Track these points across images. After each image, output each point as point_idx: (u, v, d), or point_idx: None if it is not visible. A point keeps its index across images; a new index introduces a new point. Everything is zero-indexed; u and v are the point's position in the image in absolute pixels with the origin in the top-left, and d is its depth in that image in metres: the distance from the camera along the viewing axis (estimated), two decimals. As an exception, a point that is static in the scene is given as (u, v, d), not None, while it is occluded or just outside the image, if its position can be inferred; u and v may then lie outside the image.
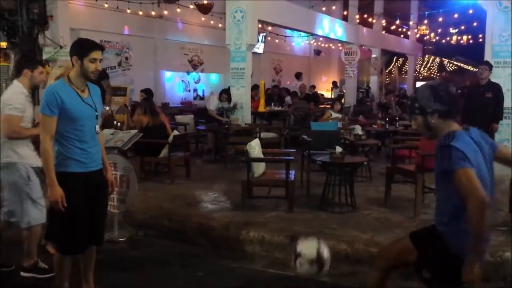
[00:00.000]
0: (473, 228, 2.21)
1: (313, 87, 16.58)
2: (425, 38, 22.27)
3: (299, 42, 18.67)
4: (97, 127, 3.25)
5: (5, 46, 10.31)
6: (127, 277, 3.95)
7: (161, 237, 4.90)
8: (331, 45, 18.72)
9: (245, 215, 5.08)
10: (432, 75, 25.55)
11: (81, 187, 3.12)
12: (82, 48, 3.08)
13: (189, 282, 3.91)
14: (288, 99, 13.16)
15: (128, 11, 11.07)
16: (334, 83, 18.34)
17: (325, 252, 2.97)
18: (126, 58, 11.84)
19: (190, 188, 6.40)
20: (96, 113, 3.20)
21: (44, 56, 9.40)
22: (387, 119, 9.52)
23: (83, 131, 3.11)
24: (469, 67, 23.90)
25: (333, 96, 16.95)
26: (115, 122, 7.94)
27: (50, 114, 3.01)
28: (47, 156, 3.01)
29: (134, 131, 5.65)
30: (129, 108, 8.91)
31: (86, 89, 3.17)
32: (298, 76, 16.99)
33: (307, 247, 2.98)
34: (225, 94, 9.32)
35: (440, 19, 17.26)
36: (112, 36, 11.33)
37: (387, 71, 23.12)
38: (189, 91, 14.06)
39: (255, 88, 10.79)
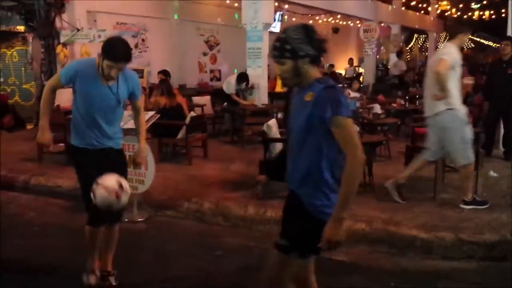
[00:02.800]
0: (348, 186, 2.08)
1: (332, 66, 16.37)
2: (446, 14, 21.72)
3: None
4: (123, 117, 3.33)
5: (23, 30, 10.42)
6: (146, 257, 4.00)
7: (179, 217, 4.95)
8: (349, 22, 18.39)
9: (262, 195, 5.08)
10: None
11: (87, 160, 3.21)
12: (106, 52, 3.05)
13: (207, 261, 3.94)
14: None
15: (144, -8, 11.03)
16: (350, 60, 18.01)
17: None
18: (143, 40, 11.83)
19: (208, 168, 6.43)
20: (119, 101, 3.23)
21: (62, 39, 9.48)
22: (407, 98, 9.37)
23: (94, 114, 3.16)
24: (491, 43, 23.30)
25: (346, 75, 16.68)
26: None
27: (61, 79, 3.22)
28: (43, 103, 3.31)
29: (151, 113, 5.67)
30: (146, 90, 8.94)
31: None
32: (399, 54, 15.97)
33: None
34: (243, 77, 9.25)
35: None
36: (128, 18, 11.31)
37: (407, 48, 22.67)
38: (206, 72, 14.02)
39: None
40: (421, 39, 23.45)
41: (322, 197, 2.20)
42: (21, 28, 10.50)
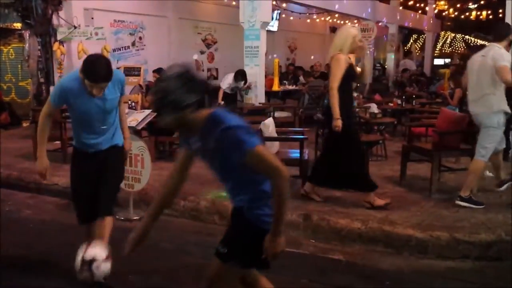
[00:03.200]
0: (281, 204, 2.10)
1: (328, 65, 16.35)
2: (444, 13, 21.76)
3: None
4: (106, 123, 3.34)
5: (19, 27, 10.38)
6: (142, 255, 3.99)
7: (175, 215, 4.94)
8: (347, 21, 18.40)
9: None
10: (451, 51, 25.04)
11: (80, 162, 3.37)
12: (86, 73, 3.06)
13: (204, 259, 3.93)
14: (302, 78, 13.03)
15: (141, -11, 11.00)
16: None
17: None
18: (140, 38, 11.80)
19: (204, 167, 6.41)
20: (111, 109, 3.30)
21: (59, 37, 9.45)
22: (403, 97, 9.38)
23: (88, 123, 3.28)
24: (488, 44, 23.31)
25: None
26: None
27: (52, 103, 3.26)
28: (39, 132, 3.32)
29: (148, 111, 5.67)
30: (143, 88, 8.93)
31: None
32: (408, 54, 15.92)
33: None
34: (240, 75, 9.24)
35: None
36: (125, 16, 11.29)
37: (404, 48, 22.70)
38: (203, 70, 14.00)
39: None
40: (422, 39, 23.44)
41: (261, 205, 2.22)
42: (18, 25, 10.46)
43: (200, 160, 2.35)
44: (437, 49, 24.84)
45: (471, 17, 21.91)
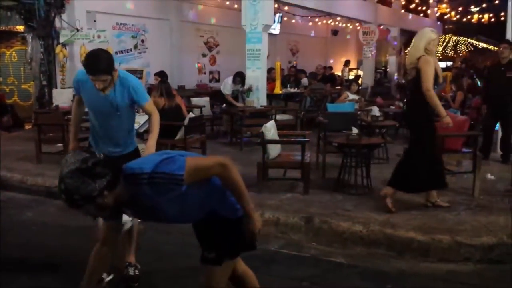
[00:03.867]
0: (237, 187, 2.17)
1: (330, 68, 16.39)
2: (446, 16, 21.78)
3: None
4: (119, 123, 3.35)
5: (22, 30, 10.42)
6: (143, 257, 4.00)
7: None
8: (348, 24, 18.43)
9: (261, 197, 5.08)
10: (452, 55, 25.02)
11: None
12: (85, 66, 3.13)
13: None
14: (304, 80, 13.03)
15: (144, -7, 11.04)
16: (346, 62, 17.97)
17: None
18: (142, 41, 11.84)
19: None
20: (118, 109, 3.25)
21: (61, 39, 9.49)
22: (405, 100, 9.37)
23: (95, 119, 3.34)
24: (490, 47, 23.31)
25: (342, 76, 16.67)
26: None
27: (74, 91, 3.50)
28: (71, 115, 3.56)
29: (150, 114, 5.66)
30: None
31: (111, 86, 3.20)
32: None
33: None
34: (238, 77, 9.26)
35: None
36: (127, 19, 11.33)
37: (405, 51, 22.70)
38: (205, 73, 14.03)
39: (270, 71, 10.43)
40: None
41: (228, 198, 2.30)
42: (20, 28, 10.51)
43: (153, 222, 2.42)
44: (438, 52, 24.81)
45: (473, 20, 21.93)
